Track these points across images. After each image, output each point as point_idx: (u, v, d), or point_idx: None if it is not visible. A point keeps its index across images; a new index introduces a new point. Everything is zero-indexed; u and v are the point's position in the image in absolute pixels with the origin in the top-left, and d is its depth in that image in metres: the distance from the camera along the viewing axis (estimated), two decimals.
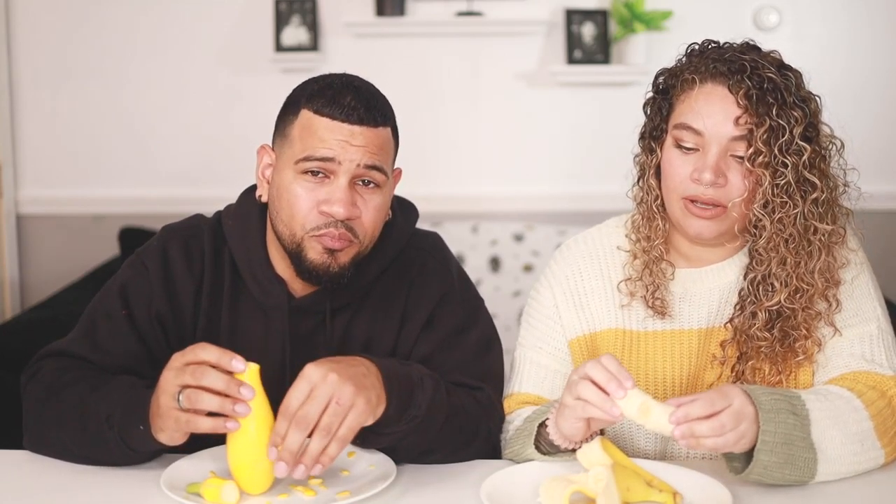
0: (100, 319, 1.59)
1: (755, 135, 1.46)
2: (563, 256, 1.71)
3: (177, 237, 1.63)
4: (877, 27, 3.73)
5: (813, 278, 1.51)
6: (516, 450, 1.52)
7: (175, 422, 1.36)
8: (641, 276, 1.61)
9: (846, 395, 1.46)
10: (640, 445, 1.62)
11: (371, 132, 1.50)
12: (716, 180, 1.48)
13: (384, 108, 1.53)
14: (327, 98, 1.50)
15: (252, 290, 1.60)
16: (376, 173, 1.51)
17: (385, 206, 1.56)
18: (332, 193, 1.49)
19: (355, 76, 1.57)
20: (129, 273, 1.62)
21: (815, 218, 1.49)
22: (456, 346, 1.62)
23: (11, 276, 3.78)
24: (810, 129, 1.49)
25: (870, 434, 1.44)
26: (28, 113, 3.80)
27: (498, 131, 3.80)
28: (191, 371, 1.34)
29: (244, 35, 3.74)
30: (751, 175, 1.48)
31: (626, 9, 3.57)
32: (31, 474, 1.51)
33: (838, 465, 1.41)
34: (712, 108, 1.49)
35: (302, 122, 1.51)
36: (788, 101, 1.47)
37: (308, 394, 1.33)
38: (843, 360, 1.54)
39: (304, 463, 1.33)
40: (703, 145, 1.50)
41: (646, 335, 1.62)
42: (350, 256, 1.53)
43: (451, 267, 1.69)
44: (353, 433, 1.35)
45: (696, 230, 1.53)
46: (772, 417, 1.36)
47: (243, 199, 1.66)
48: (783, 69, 1.50)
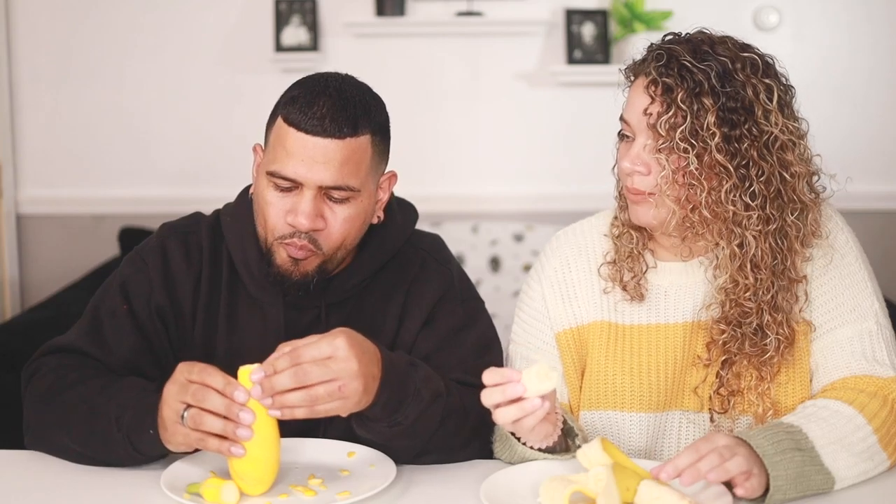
0: (102, 316, 1.61)
1: (660, 121, 1.47)
2: (551, 248, 1.73)
3: (175, 234, 1.65)
4: (877, 27, 3.73)
5: (745, 271, 1.49)
6: (507, 455, 1.52)
7: (184, 438, 1.37)
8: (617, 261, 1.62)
9: (847, 412, 1.45)
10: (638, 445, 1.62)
11: (337, 145, 1.49)
12: (633, 167, 1.52)
13: (358, 116, 1.51)
14: (298, 106, 1.50)
15: (249, 286, 1.61)
16: (341, 192, 1.51)
17: (360, 217, 1.55)
18: (297, 205, 1.51)
19: (343, 77, 1.56)
20: (129, 270, 1.64)
21: (738, 205, 1.47)
22: (455, 345, 1.62)
23: (11, 276, 3.78)
24: (737, 114, 1.45)
25: (875, 448, 1.44)
26: (28, 113, 3.79)
27: (498, 131, 3.80)
28: (193, 391, 1.35)
29: (244, 35, 3.74)
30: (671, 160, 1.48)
31: (626, 9, 3.57)
32: (31, 474, 1.51)
33: (850, 481, 1.42)
34: (634, 99, 1.54)
35: (276, 129, 1.53)
36: (704, 88, 1.45)
37: (325, 357, 1.33)
38: (843, 361, 1.53)
39: (273, 399, 1.32)
40: (633, 135, 1.54)
41: (632, 329, 1.62)
42: (314, 266, 1.55)
43: (452, 267, 1.70)
44: (327, 415, 1.35)
45: (633, 215, 1.56)
46: (777, 461, 1.35)
47: (241, 198, 1.67)
48: (708, 56, 1.48)
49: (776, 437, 1.38)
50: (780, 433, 1.39)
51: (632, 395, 1.60)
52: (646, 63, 1.52)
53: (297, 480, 1.45)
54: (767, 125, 1.47)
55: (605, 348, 1.62)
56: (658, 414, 1.59)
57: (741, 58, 1.49)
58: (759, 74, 1.48)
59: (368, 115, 1.53)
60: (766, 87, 1.48)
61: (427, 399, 1.46)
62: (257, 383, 1.33)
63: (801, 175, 1.49)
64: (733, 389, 1.54)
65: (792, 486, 1.36)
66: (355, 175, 1.51)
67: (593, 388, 1.62)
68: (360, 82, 1.58)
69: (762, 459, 1.35)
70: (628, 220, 1.61)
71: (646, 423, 1.59)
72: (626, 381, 1.60)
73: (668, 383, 1.59)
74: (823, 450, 1.39)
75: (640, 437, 1.60)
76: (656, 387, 1.59)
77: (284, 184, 1.51)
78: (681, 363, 1.59)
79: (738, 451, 1.34)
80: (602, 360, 1.62)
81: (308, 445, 1.53)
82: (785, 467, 1.35)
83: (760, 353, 1.52)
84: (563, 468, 1.45)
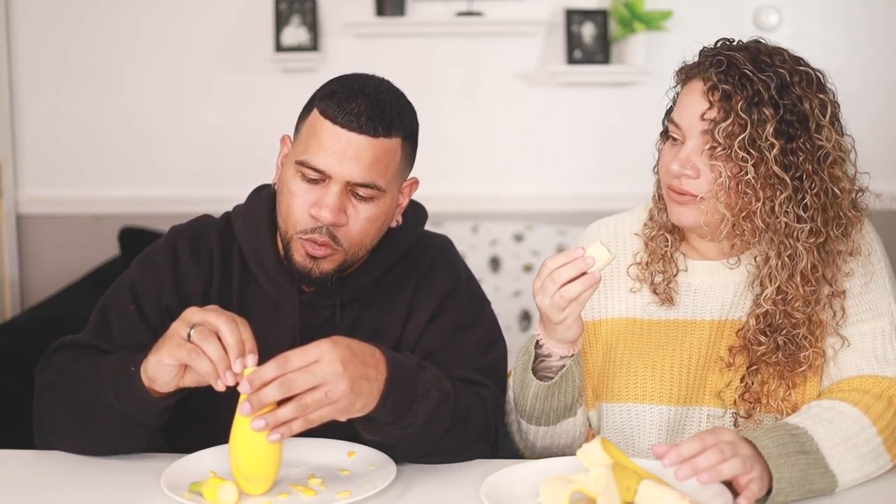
0: (110, 317, 1.62)
1: (718, 128, 1.48)
2: (583, 238, 1.75)
3: (185, 237, 1.66)
4: (877, 27, 3.73)
5: (795, 281, 1.50)
6: (517, 384, 1.57)
7: (178, 347, 1.37)
8: (649, 264, 1.64)
9: (852, 413, 1.45)
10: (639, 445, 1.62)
11: (370, 142, 1.50)
12: (682, 171, 1.52)
13: (393, 118, 1.53)
14: (335, 101, 1.52)
15: (263, 285, 1.62)
16: (367, 190, 1.52)
17: (381, 217, 1.57)
18: (322, 198, 1.51)
19: (381, 80, 1.59)
20: (139, 271, 1.65)
21: (790, 216, 1.48)
22: (461, 341, 1.62)
23: (11, 276, 3.78)
24: (793, 127, 1.48)
25: (880, 449, 1.44)
26: (28, 113, 3.79)
27: (498, 131, 3.80)
28: (200, 330, 1.36)
29: (244, 35, 3.74)
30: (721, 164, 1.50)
31: (626, 9, 3.57)
32: (32, 474, 1.51)
33: (854, 483, 1.42)
34: (690, 102, 1.53)
35: (311, 120, 1.54)
36: (764, 98, 1.47)
37: (309, 364, 1.33)
38: (854, 358, 1.53)
39: (267, 421, 1.32)
40: (683, 138, 1.54)
41: (653, 324, 1.63)
42: (335, 264, 1.55)
43: (459, 267, 1.71)
44: (321, 422, 1.35)
45: (675, 216, 1.56)
46: (782, 464, 1.36)
47: (252, 198, 1.69)
48: (767, 67, 1.49)
49: (781, 438, 1.38)
50: (784, 435, 1.39)
51: (652, 388, 1.61)
52: (702, 67, 1.52)
53: (297, 480, 1.45)
54: (821, 139, 1.49)
55: (628, 342, 1.63)
56: (679, 408, 1.60)
57: (798, 71, 1.52)
58: (813, 89, 1.51)
59: (402, 119, 1.55)
60: (819, 102, 1.51)
61: (436, 400, 1.46)
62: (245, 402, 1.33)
63: (847, 191, 1.52)
64: (758, 395, 1.55)
65: (795, 488, 1.36)
66: (383, 175, 1.52)
67: (614, 380, 1.63)
68: (396, 88, 1.60)
69: (767, 461, 1.35)
70: (666, 221, 1.62)
71: (666, 416, 1.60)
72: (648, 374, 1.61)
73: (691, 379, 1.60)
74: (829, 452, 1.40)
75: (661, 430, 1.60)
76: (678, 381, 1.60)
77: (313, 174, 1.51)
78: (704, 360, 1.59)
79: (739, 450, 1.34)
80: (624, 354, 1.63)
81: (308, 445, 1.53)
82: (789, 470, 1.35)
83: (793, 365, 1.53)
84: (563, 468, 1.45)
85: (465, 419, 1.51)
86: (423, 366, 1.49)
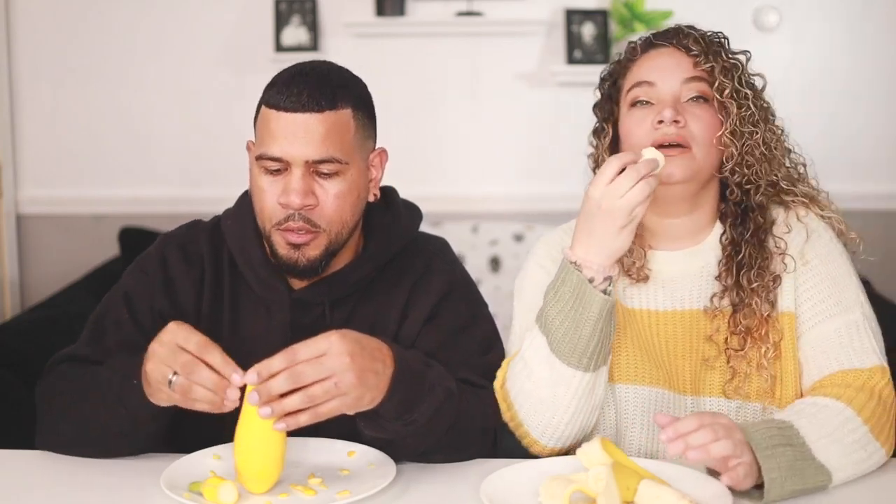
0: (107, 325, 1.62)
1: (715, 69, 1.56)
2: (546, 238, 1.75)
3: (174, 244, 1.67)
4: (877, 27, 3.73)
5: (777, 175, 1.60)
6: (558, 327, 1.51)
7: (168, 399, 1.39)
8: None
9: (836, 406, 1.47)
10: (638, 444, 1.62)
11: (316, 118, 1.51)
12: (676, 116, 1.55)
13: (336, 90, 1.53)
14: (276, 89, 1.54)
15: (253, 285, 1.62)
16: (329, 165, 1.52)
17: (353, 191, 1.56)
18: (287, 185, 1.52)
19: (322, 62, 1.60)
20: (130, 280, 1.66)
21: (774, 143, 1.59)
22: (458, 343, 1.62)
23: (11, 276, 3.78)
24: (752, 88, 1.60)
25: (867, 437, 1.46)
26: (28, 113, 3.80)
27: (498, 131, 3.80)
28: (184, 362, 1.35)
29: (244, 35, 3.74)
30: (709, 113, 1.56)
31: (626, 9, 3.57)
32: (32, 474, 1.51)
33: (846, 473, 1.43)
34: (661, 62, 1.60)
35: (261, 115, 1.56)
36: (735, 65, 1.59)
37: (318, 356, 1.34)
38: (833, 354, 1.54)
39: (273, 409, 1.33)
40: (656, 96, 1.58)
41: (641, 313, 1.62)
42: (320, 249, 1.55)
43: (456, 268, 1.71)
44: (330, 415, 1.36)
45: (667, 170, 1.55)
46: (769, 455, 1.37)
47: (240, 202, 1.69)
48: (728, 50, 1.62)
49: (768, 431, 1.40)
50: (772, 428, 1.41)
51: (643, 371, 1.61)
52: (667, 36, 1.62)
53: (297, 480, 1.45)
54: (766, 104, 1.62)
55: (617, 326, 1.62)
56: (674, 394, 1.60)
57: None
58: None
59: (347, 89, 1.55)
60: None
61: (441, 397, 1.46)
62: (253, 391, 1.33)
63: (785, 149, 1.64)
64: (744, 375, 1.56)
65: (787, 479, 1.37)
66: (339, 148, 1.52)
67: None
68: (340, 66, 1.61)
69: (755, 452, 1.36)
70: None
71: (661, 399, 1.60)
72: (639, 357, 1.61)
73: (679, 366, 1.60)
74: (814, 444, 1.41)
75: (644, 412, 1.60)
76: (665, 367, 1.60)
77: (273, 165, 1.52)
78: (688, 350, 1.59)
79: (732, 435, 1.35)
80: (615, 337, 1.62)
81: (308, 445, 1.53)
82: (777, 461, 1.37)
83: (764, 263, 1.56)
84: (563, 468, 1.45)
85: (467, 419, 1.51)
86: (430, 363, 1.49)
